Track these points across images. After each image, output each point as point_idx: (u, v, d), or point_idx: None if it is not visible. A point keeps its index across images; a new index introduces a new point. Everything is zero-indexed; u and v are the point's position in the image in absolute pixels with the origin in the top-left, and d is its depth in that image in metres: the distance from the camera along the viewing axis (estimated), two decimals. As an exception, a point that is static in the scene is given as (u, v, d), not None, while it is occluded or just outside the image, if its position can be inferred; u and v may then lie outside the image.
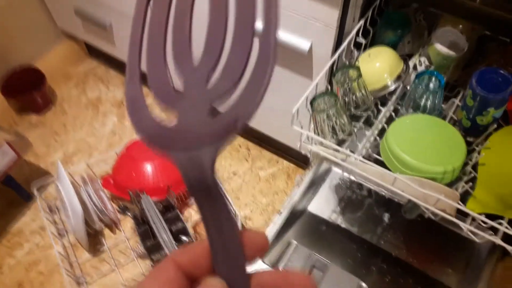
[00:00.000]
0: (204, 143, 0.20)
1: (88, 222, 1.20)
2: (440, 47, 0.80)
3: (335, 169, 1.21)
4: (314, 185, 1.19)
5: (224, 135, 0.20)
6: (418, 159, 0.65)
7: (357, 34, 0.87)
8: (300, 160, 1.50)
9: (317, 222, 1.14)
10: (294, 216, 1.10)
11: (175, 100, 0.21)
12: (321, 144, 0.78)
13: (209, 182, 0.20)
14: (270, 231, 1.02)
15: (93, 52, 1.80)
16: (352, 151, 0.77)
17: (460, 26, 0.86)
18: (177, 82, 0.22)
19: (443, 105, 0.83)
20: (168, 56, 0.22)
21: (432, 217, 0.67)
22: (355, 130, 0.83)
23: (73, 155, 1.50)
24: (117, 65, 1.76)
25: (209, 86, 0.21)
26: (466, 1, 0.67)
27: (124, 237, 1.27)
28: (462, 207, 0.61)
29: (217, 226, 0.21)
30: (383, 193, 1.09)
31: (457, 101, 0.85)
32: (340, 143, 0.81)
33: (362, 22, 0.85)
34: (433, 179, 0.64)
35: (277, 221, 1.05)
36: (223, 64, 0.21)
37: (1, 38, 1.51)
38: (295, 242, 1.07)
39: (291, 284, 0.22)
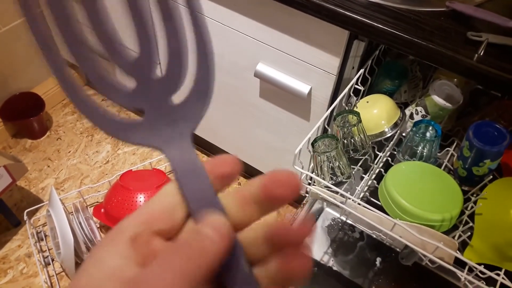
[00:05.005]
0: (181, 121, 0.22)
1: (76, 252, 1.17)
2: (437, 99, 0.84)
3: (328, 209, 1.22)
4: (306, 225, 1.19)
5: (197, 111, 0.22)
6: (417, 206, 0.67)
7: (356, 81, 0.91)
8: (291, 198, 1.51)
9: (308, 263, 1.13)
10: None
11: (135, 97, 0.22)
12: (321, 185, 0.79)
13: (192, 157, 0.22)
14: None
15: (93, 80, 1.82)
16: (350, 194, 0.78)
17: (455, 79, 0.91)
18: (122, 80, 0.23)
19: (438, 154, 0.86)
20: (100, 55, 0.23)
21: (430, 265, 0.68)
22: (353, 172, 0.85)
23: (64, 182, 1.49)
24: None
25: (160, 77, 0.22)
26: (463, 58, 0.71)
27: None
28: (460, 256, 0.62)
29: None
30: (375, 237, 1.10)
31: (451, 150, 0.88)
32: (338, 185, 0.83)
33: (362, 70, 0.89)
34: (432, 226, 0.65)
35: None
36: (164, 55, 0.22)
37: (4, 63, 1.52)
38: (286, 282, 1.06)
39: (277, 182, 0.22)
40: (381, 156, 0.88)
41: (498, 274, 0.61)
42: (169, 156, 0.22)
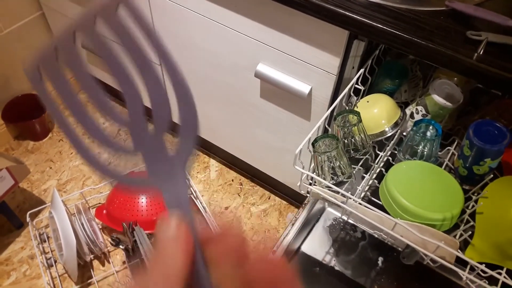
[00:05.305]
0: (174, 159, 0.24)
1: (79, 253, 1.18)
2: (437, 98, 0.84)
3: (329, 209, 1.21)
4: (307, 225, 1.19)
5: (187, 150, 0.24)
6: (418, 206, 0.67)
7: (356, 81, 0.91)
8: (292, 197, 1.51)
9: (310, 263, 1.13)
10: (287, 255, 1.10)
11: (132, 147, 0.25)
12: (321, 185, 0.80)
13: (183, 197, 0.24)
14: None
15: (94, 82, 1.83)
16: (351, 194, 0.78)
17: (455, 78, 0.91)
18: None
19: (438, 153, 0.86)
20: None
21: (431, 264, 0.68)
22: (354, 172, 0.85)
23: (66, 183, 1.49)
24: (116, 96, 1.78)
25: (149, 125, 0.25)
26: (463, 57, 0.71)
27: (113, 269, 1.25)
28: (462, 255, 0.62)
29: None
30: (376, 236, 1.10)
31: (452, 149, 0.88)
32: (339, 185, 0.83)
33: (362, 70, 0.89)
34: (433, 226, 0.65)
35: (271, 260, 1.04)
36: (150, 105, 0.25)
37: (6, 65, 1.53)
38: (288, 282, 1.06)
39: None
40: (381, 155, 0.89)
41: (499, 273, 0.61)
42: (163, 191, 0.24)
